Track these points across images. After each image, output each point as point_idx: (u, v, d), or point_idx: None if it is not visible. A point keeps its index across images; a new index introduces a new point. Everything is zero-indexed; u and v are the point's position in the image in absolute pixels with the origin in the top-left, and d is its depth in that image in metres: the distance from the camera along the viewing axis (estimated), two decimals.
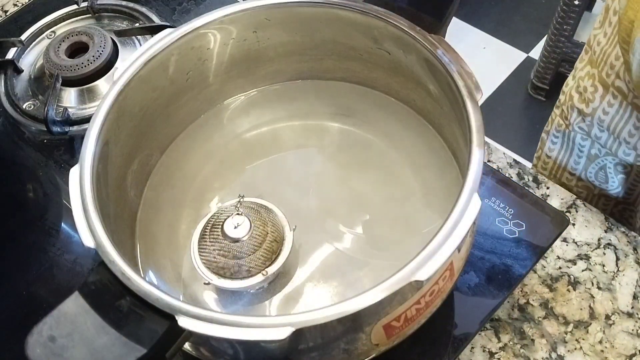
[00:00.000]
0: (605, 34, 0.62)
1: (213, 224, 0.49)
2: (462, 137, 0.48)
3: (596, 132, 0.67)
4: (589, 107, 0.66)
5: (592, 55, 0.65)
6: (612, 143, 0.66)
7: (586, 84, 0.66)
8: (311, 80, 0.63)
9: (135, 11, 0.79)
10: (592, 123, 0.67)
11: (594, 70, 0.65)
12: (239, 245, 0.48)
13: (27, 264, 0.60)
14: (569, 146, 0.73)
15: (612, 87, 0.62)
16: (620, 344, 0.54)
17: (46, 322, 0.38)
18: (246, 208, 0.50)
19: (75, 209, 0.43)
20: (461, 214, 0.40)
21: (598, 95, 0.64)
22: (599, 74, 0.63)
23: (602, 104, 0.64)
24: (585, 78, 0.66)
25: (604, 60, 0.62)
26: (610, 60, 0.61)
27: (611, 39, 0.61)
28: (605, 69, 0.62)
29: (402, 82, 0.58)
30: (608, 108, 0.63)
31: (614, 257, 0.59)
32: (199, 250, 0.49)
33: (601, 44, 0.63)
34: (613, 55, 0.60)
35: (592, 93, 0.65)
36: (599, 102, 0.64)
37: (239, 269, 0.48)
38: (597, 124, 0.66)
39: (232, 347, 0.44)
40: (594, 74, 0.64)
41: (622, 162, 0.68)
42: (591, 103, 0.65)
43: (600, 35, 0.63)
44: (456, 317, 0.53)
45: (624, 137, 0.64)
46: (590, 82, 0.65)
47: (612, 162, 0.69)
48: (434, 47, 0.49)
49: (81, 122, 0.68)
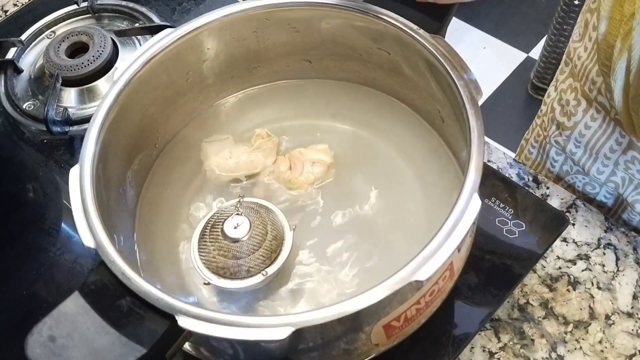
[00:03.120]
0: (585, 48, 0.60)
1: (213, 223, 0.49)
2: (462, 137, 0.48)
3: (571, 147, 0.66)
4: (570, 120, 0.64)
5: (574, 69, 0.63)
6: (587, 160, 0.65)
7: (569, 97, 0.64)
8: (311, 79, 0.63)
9: (135, 11, 0.79)
10: (569, 138, 0.65)
11: (576, 84, 0.63)
12: (239, 245, 0.48)
13: (27, 264, 0.60)
14: (542, 158, 0.73)
15: (595, 102, 0.60)
16: (620, 344, 0.54)
17: (46, 322, 0.38)
18: (246, 208, 0.50)
19: (75, 209, 0.43)
20: (461, 214, 0.40)
21: (581, 109, 0.62)
22: (582, 88, 0.62)
23: (585, 117, 0.62)
24: (567, 91, 0.64)
25: (585, 75, 0.60)
26: (591, 76, 0.59)
27: (591, 54, 0.59)
28: (588, 84, 0.60)
29: (402, 82, 0.58)
30: (591, 122, 0.62)
31: (614, 257, 0.59)
32: (199, 250, 0.49)
33: (582, 59, 0.61)
34: (594, 71, 0.59)
35: (574, 107, 0.63)
36: (582, 116, 0.62)
37: (239, 269, 0.48)
38: (573, 140, 0.65)
39: (232, 347, 0.44)
40: (576, 87, 0.63)
41: (591, 183, 0.67)
42: (573, 117, 0.63)
43: (580, 49, 0.61)
44: (456, 317, 0.53)
45: (604, 153, 0.62)
46: (573, 96, 0.63)
47: (581, 182, 0.68)
48: (434, 47, 0.49)
49: (81, 122, 0.68)
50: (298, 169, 0.56)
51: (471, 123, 0.45)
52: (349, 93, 0.62)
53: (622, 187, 0.64)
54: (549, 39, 1.60)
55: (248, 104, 0.63)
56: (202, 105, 0.62)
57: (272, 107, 0.63)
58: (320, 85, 0.63)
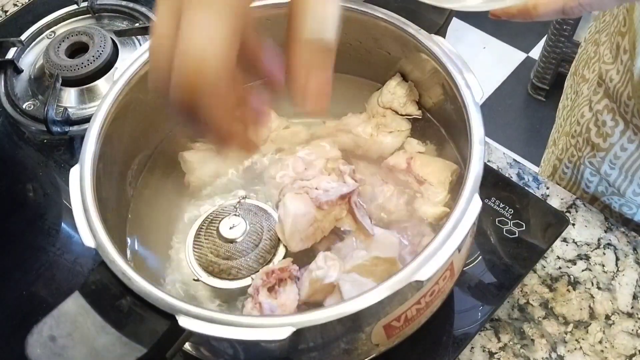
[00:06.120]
0: (617, 71, 0.60)
1: (210, 221, 0.50)
2: (462, 137, 0.48)
3: (606, 169, 0.65)
4: (606, 141, 0.63)
5: (607, 90, 0.63)
6: (622, 181, 0.64)
7: (605, 117, 0.63)
8: None
9: (135, 11, 0.79)
10: (604, 160, 0.65)
11: (612, 105, 0.62)
12: (232, 246, 0.48)
13: (27, 264, 0.60)
14: (577, 179, 0.72)
15: (632, 124, 0.60)
16: (620, 344, 0.54)
17: (46, 322, 0.38)
18: (245, 210, 0.50)
19: (75, 209, 0.43)
20: (461, 214, 0.40)
21: (618, 130, 0.62)
22: (618, 109, 0.61)
23: (622, 139, 0.62)
24: (604, 112, 0.64)
25: (618, 98, 0.60)
26: (624, 99, 0.59)
27: (623, 77, 0.59)
28: (622, 106, 0.60)
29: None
30: (627, 144, 0.61)
31: (614, 257, 0.59)
32: (194, 246, 0.49)
33: (614, 81, 0.61)
34: (625, 94, 0.59)
35: (611, 127, 0.62)
36: (619, 137, 0.62)
37: (229, 269, 0.48)
38: (608, 161, 0.64)
39: (232, 347, 0.44)
40: (613, 108, 0.62)
41: (627, 204, 0.66)
42: (609, 138, 0.63)
43: (612, 72, 0.61)
44: (456, 317, 0.53)
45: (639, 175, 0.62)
46: (611, 116, 0.62)
47: (617, 203, 0.68)
48: (434, 47, 0.49)
49: (81, 122, 0.68)
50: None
51: (471, 123, 0.45)
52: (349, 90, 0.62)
53: None
54: (549, 39, 1.60)
55: None
56: None
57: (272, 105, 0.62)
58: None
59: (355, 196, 0.51)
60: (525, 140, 1.67)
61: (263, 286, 0.46)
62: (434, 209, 0.51)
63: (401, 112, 0.57)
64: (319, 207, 0.49)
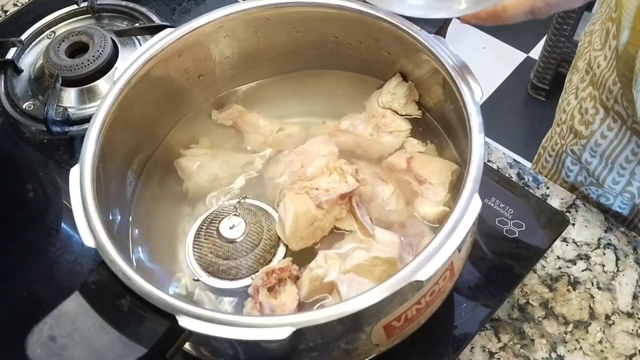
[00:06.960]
0: (605, 57, 0.60)
1: (211, 220, 0.50)
2: (463, 137, 0.48)
3: (587, 157, 0.66)
4: (587, 129, 0.64)
5: (593, 77, 0.63)
6: (602, 170, 0.64)
7: (588, 105, 0.64)
8: (310, 79, 0.63)
9: (135, 11, 0.79)
10: (585, 147, 0.65)
11: (595, 92, 0.63)
12: (232, 246, 0.48)
13: (27, 264, 0.60)
14: (558, 167, 0.72)
15: (612, 111, 0.60)
16: (620, 344, 0.54)
17: (46, 322, 0.38)
18: (245, 210, 0.50)
19: (75, 209, 0.43)
20: (461, 214, 0.40)
21: (599, 118, 0.62)
22: (600, 97, 0.62)
23: (602, 127, 0.62)
24: (587, 99, 0.64)
25: (603, 84, 0.60)
26: (608, 85, 0.59)
27: (610, 63, 0.59)
28: (605, 92, 0.60)
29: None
30: (607, 132, 0.62)
31: (614, 257, 0.59)
32: (194, 246, 0.49)
33: (601, 67, 0.61)
34: (611, 80, 0.59)
35: (593, 115, 0.63)
36: (599, 124, 0.62)
37: (228, 269, 0.48)
38: (589, 149, 0.65)
39: (232, 347, 0.44)
40: (595, 95, 0.63)
41: (605, 194, 0.67)
42: (591, 125, 0.63)
43: (600, 58, 0.61)
44: (456, 317, 0.53)
45: (619, 163, 0.62)
46: (592, 104, 0.63)
47: (594, 194, 0.68)
48: (434, 47, 0.49)
49: (81, 122, 0.68)
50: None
51: (471, 123, 0.45)
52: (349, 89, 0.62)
53: (637, 197, 0.64)
54: (549, 39, 1.60)
55: (248, 102, 0.63)
56: (202, 104, 0.61)
57: (272, 104, 0.62)
58: (320, 84, 0.63)
59: (356, 196, 0.51)
60: (525, 140, 1.67)
61: (263, 286, 0.46)
62: (434, 209, 0.51)
63: (401, 112, 0.57)
64: (318, 207, 0.49)
